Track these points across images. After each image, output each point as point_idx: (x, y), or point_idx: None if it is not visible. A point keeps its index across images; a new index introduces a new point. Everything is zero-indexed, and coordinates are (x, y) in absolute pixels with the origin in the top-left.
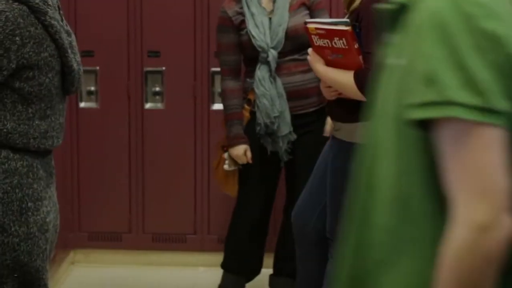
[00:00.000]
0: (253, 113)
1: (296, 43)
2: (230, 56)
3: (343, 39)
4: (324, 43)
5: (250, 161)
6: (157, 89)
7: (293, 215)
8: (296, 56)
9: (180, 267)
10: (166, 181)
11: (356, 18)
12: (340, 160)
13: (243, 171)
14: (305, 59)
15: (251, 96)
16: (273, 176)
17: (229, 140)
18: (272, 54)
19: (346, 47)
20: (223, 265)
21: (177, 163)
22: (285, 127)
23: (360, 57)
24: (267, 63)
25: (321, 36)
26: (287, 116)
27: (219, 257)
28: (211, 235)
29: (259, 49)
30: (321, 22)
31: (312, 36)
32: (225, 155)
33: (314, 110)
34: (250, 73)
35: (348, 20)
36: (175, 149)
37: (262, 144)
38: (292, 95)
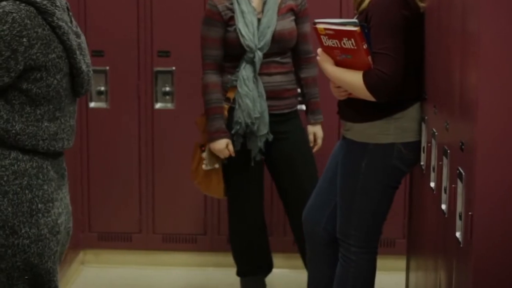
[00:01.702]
0: (231, 111)
1: (280, 47)
2: (215, 51)
3: (352, 39)
4: (333, 43)
5: (233, 154)
6: (167, 89)
7: (304, 215)
8: (278, 59)
9: (190, 267)
10: (177, 182)
11: (365, 18)
12: (351, 160)
13: (229, 175)
14: (286, 62)
15: (230, 94)
16: (258, 173)
17: (210, 134)
18: (258, 55)
19: (355, 47)
20: (239, 273)
21: (187, 164)
22: (264, 127)
23: (369, 57)
24: (252, 63)
25: (330, 37)
26: (266, 116)
27: (229, 258)
28: (221, 236)
29: (247, 49)
30: (330, 23)
31: (321, 36)
32: (203, 154)
33: (288, 111)
34: (231, 69)
35: (356, 20)
36: (186, 149)
37: (243, 142)
38: (270, 95)
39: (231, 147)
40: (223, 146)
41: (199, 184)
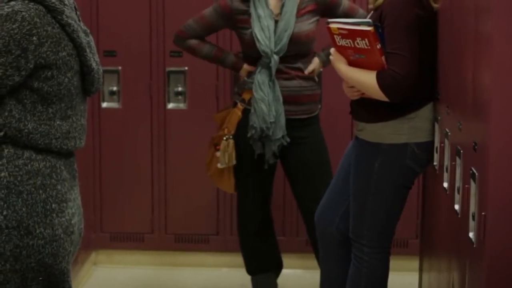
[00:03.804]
0: (245, 112)
1: (297, 49)
2: (199, 29)
3: (366, 39)
4: (347, 43)
5: (252, 69)
6: (180, 89)
7: (316, 215)
8: (298, 64)
9: (202, 267)
10: (189, 182)
11: (379, 17)
12: (363, 160)
13: (239, 172)
14: (307, 67)
15: (245, 96)
16: (268, 173)
17: (234, 66)
18: (274, 59)
19: (369, 47)
20: (248, 270)
21: (199, 164)
22: (279, 131)
23: (383, 57)
24: (268, 68)
25: (343, 36)
26: (282, 120)
27: (241, 258)
28: (233, 236)
29: (263, 54)
30: (344, 22)
31: (335, 36)
32: (218, 153)
33: (306, 117)
34: (249, 72)
35: (370, 20)
36: (198, 149)
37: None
38: (288, 99)
39: (248, 67)
40: (245, 73)
41: (211, 176)
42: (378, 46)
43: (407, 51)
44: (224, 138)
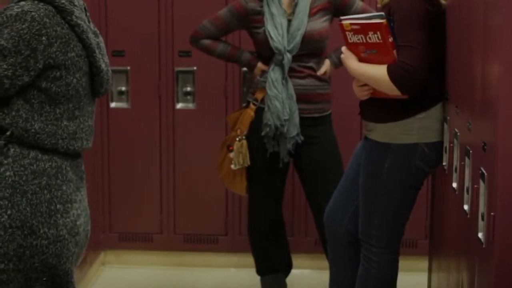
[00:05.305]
0: (258, 112)
1: (309, 48)
2: (214, 30)
3: (378, 32)
4: (358, 39)
5: (265, 68)
6: (188, 89)
7: (325, 215)
8: (311, 64)
9: (211, 268)
10: (198, 182)
11: (388, 13)
12: (373, 161)
13: (252, 173)
14: (320, 68)
15: (258, 95)
16: (282, 173)
17: (249, 64)
18: (287, 57)
19: (381, 41)
20: (258, 271)
21: (208, 164)
22: (294, 129)
23: (394, 51)
24: (281, 65)
25: (355, 32)
26: (296, 118)
27: (250, 258)
28: (242, 236)
29: (276, 51)
30: (356, 18)
31: (347, 33)
32: (231, 154)
33: (318, 116)
34: (262, 71)
35: (383, 13)
36: (207, 149)
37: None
38: (301, 97)
39: (262, 65)
40: (259, 71)
41: (222, 178)
42: (390, 40)
43: (418, 44)
44: (237, 139)
